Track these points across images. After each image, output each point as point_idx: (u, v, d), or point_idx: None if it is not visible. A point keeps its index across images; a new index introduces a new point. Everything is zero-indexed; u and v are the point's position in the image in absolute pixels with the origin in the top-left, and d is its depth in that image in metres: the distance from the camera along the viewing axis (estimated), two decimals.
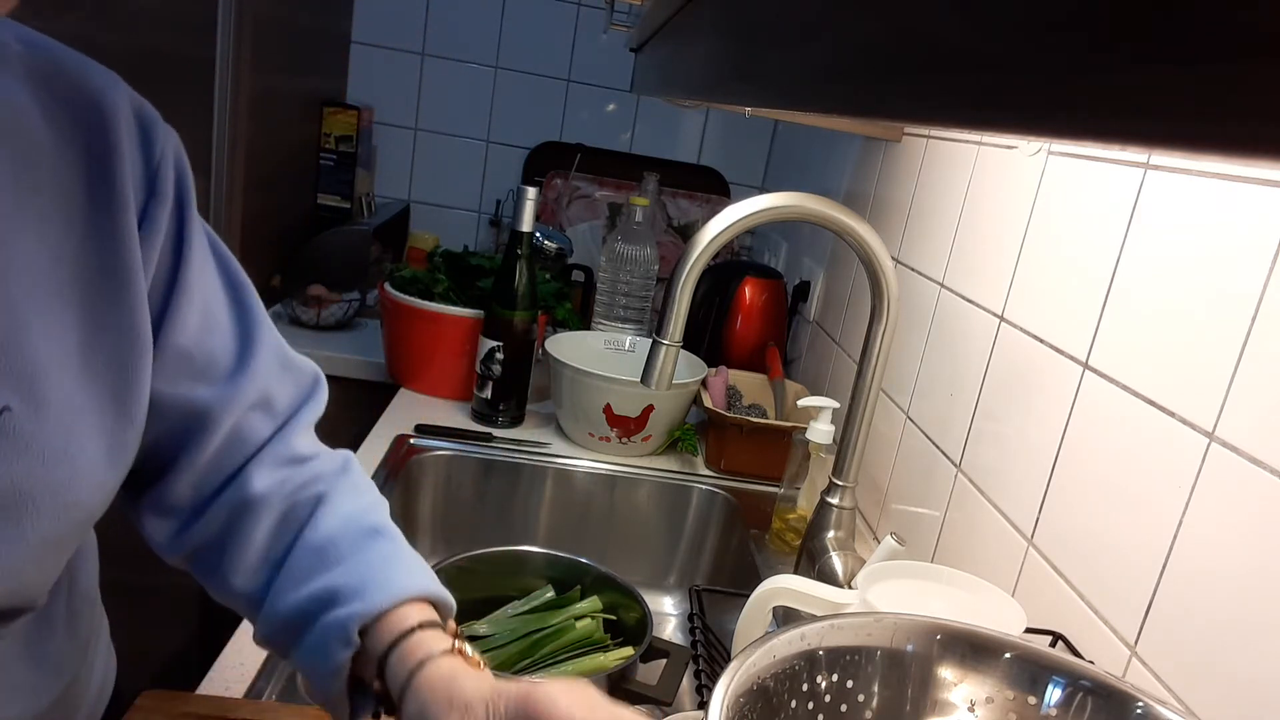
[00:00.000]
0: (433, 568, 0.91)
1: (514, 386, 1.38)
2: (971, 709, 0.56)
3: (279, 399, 0.67)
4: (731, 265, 1.73)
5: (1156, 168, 0.73)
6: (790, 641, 0.53)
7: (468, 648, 0.58)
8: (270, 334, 0.68)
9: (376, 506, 0.68)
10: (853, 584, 0.72)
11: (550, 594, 0.99)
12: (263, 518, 0.63)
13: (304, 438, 0.68)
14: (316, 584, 0.60)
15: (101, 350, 0.56)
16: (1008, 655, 0.56)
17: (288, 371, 0.69)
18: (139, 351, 0.57)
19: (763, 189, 2.25)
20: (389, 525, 0.66)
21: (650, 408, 1.33)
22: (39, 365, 0.52)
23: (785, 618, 0.84)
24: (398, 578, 0.60)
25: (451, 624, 0.62)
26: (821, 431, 1.11)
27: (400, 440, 1.31)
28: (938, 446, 1.04)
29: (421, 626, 0.58)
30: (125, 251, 0.56)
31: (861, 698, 0.56)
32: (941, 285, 1.10)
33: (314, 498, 0.65)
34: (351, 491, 0.67)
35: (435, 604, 0.61)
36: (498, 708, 0.52)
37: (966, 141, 1.09)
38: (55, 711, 0.65)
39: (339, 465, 0.69)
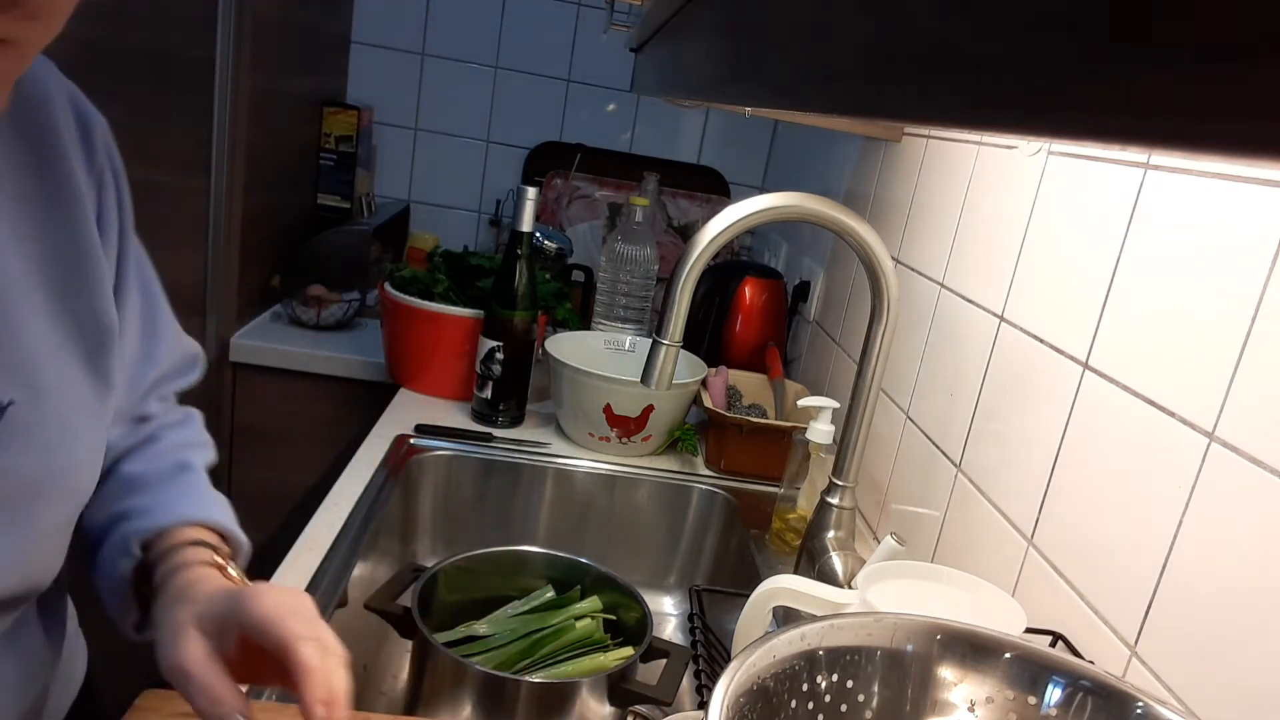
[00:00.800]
0: (432, 568, 0.92)
1: (514, 386, 1.38)
2: (971, 709, 0.56)
3: (168, 380, 0.72)
4: (731, 265, 1.73)
5: (1156, 168, 0.73)
6: (790, 641, 0.53)
7: (231, 568, 0.61)
8: (171, 321, 0.71)
9: (193, 450, 0.71)
10: (853, 584, 0.72)
11: (550, 594, 0.99)
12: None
13: (159, 402, 0.72)
14: (114, 507, 0.64)
15: (78, 337, 0.58)
16: (1008, 655, 0.56)
17: (181, 356, 0.74)
18: (109, 336, 0.60)
19: (763, 189, 2.25)
20: (198, 466, 0.70)
21: (650, 408, 1.33)
22: (33, 356, 0.54)
23: (785, 618, 0.84)
24: (187, 505, 0.64)
25: (226, 549, 0.65)
26: (821, 431, 1.11)
27: (400, 440, 1.31)
28: (938, 446, 1.04)
29: (192, 544, 0.61)
30: (84, 240, 0.58)
31: (861, 698, 0.56)
32: (941, 285, 1.10)
33: (142, 442, 0.69)
34: (176, 440, 0.71)
35: (224, 535, 0.65)
36: (215, 601, 0.54)
37: (966, 141, 1.09)
38: (35, 707, 0.66)
39: (178, 419, 0.73)
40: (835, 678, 0.55)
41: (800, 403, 1.18)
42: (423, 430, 1.34)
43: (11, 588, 0.56)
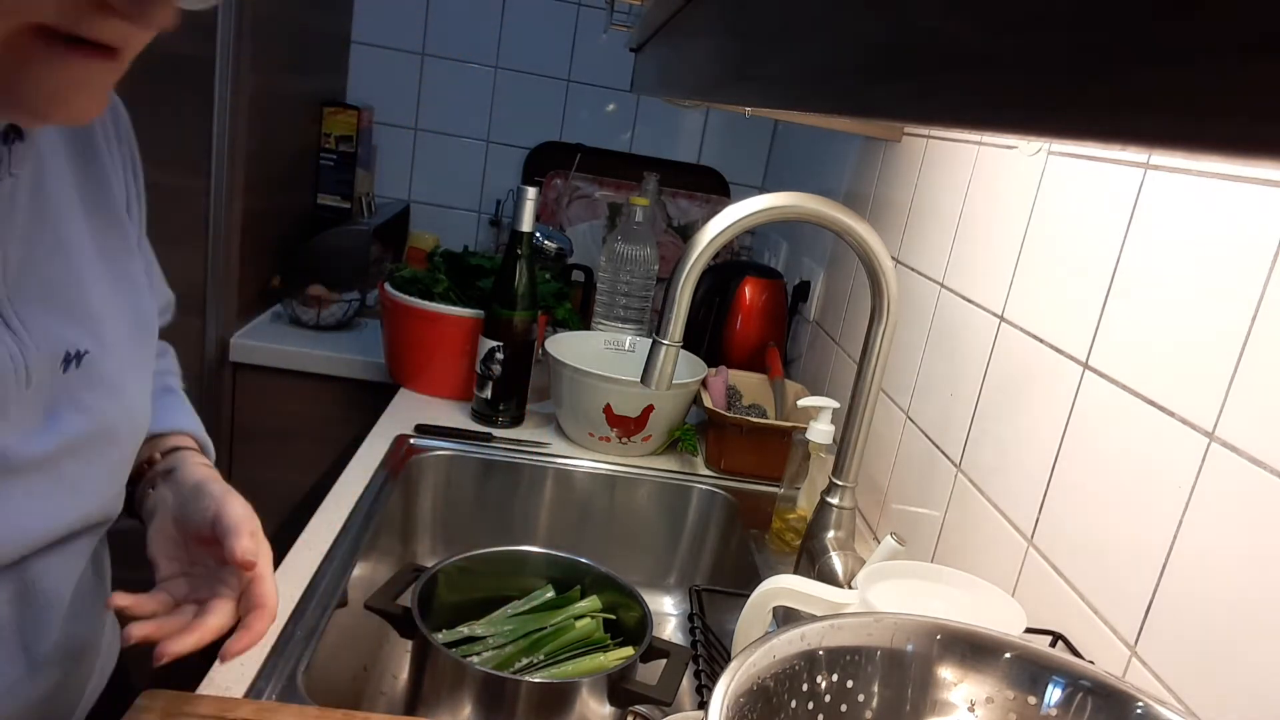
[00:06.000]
0: (432, 568, 0.92)
1: (514, 386, 1.38)
2: (971, 709, 0.56)
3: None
4: (731, 265, 1.73)
5: (1156, 168, 0.73)
6: (790, 641, 0.53)
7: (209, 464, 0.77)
8: (159, 273, 0.81)
9: (173, 377, 0.86)
10: (853, 584, 0.72)
11: (550, 594, 0.99)
12: None
13: None
14: None
15: (126, 295, 0.68)
16: (1008, 655, 0.56)
17: (166, 302, 0.83)
18: (145, 293, 0.71)
19: (763, 189, 2.25)
20: (178, 390, 0.85)
21: (650, 408, 1.33)
22: (98, 312, 0.63)
23: (785, 618, 0.84)
24: (172, 418, 0.78)
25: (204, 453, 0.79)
26: (821, 431, 1.11)
27: (400, 440, 1.31)
28: (938, 446, 1.04)
29: (181, 448, 0.76)
30: (119, 213, 0.68)
31: (861, 698, 0.56)
32: (941, 285, 1.10)
33: None
34: (160, 368, 0.82)
35: (200, 442, 0.79)
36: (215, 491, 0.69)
37: (966, 141, 1.09)
38: (95, 643, 0.74)
39: (159, 351, 0.83)
40: (835, 678, 0.55)
41: (800, 403, 1.18)
42: (423, 430, 1.34)
43: (94, 516, 0.66)
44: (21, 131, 0.58)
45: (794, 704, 0.53)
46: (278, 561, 0.98)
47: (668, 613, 1.29)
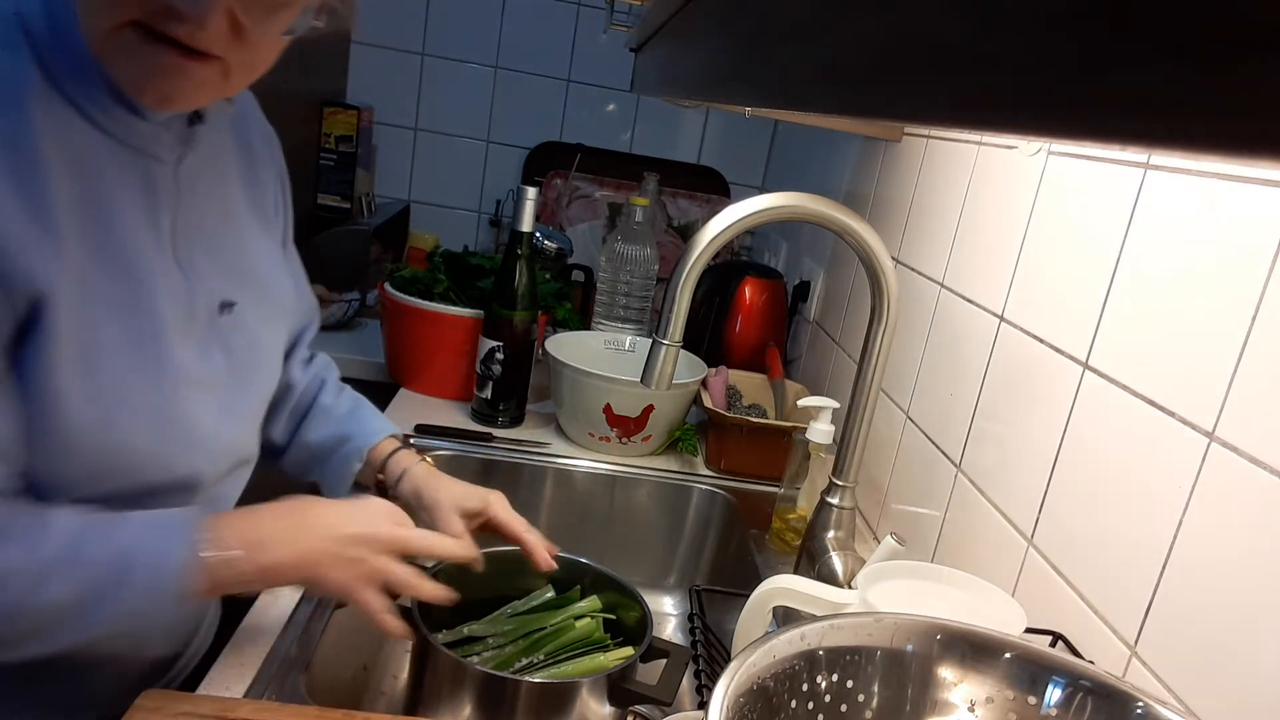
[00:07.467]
0: (432, 568, 0.92)
1: (514, 386, 1.38)
2: (971, 709, 0.56)
3: (306, 330, 1.01)
4: (731, 265, 1.73)
5: (1156, 168, 0.73)
6: (790, 641, 0.53)
7: (428, 458, 1.00)
8: (308, 290, 0.99)
9: (347, 390, 1.04)
10: (853, 584, 0.72)
11: (550, 594, 0.99)
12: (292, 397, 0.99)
13: (306, 349, 1.02)
14: (332, 429, 0.97)
15: (269, 273, 0.85)
16: (1008, 655, 0.56)
17: (310, 307, 1.02)
18: (284, 280, 0.89)
19: (763, 189, 2.25)
20: (362, 398, 1.04)
21: (650, 408, 1.33)
22: (250, 278, 0.81)
23: (785, 618, 0.84)
24: (380, 426, 0.99)
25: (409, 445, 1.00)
26: (821, 431, 1.11)
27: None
28: (938, 446, 1.04)
29: (400, 448, 0.98)
30: (270, 220, 0.88)
31: (861, 698, 0.56)
32: (941, 285, 1.10)
33: (318, 381, 1.01)
34: (334, 383, 1.03)
35: (397, 436, 1.00)
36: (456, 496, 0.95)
37: (966, 141, 1.09)
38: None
39: (324, 364, 1.04)
40: (835, 678, 0.55)
41: (800, 403, 1.18)
42: (423, 430, 1.34)
43: (246, 449, 0.83)
44: (202, 115, 0.75)
45: (794, 704, 0.53)
46: None
47: (668, 613, 1.29)
